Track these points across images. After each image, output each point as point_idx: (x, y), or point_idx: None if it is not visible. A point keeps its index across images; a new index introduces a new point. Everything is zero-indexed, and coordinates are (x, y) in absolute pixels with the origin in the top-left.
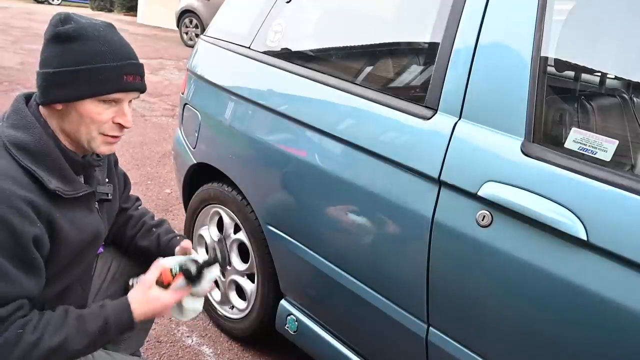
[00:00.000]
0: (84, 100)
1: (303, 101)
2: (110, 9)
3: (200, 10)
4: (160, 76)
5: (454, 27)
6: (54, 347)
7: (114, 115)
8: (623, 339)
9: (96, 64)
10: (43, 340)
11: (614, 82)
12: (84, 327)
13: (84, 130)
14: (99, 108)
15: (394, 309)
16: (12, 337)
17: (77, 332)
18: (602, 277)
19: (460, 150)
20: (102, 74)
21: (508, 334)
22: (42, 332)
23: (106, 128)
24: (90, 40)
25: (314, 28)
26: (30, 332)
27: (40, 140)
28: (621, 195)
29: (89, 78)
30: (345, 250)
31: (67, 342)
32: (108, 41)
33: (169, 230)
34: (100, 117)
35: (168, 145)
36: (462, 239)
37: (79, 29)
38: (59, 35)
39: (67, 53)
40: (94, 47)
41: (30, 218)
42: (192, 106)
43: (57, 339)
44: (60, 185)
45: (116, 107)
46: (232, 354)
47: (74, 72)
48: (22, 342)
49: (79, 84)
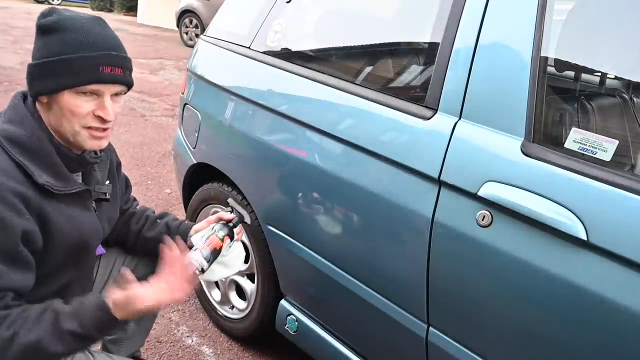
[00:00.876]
0: (63, 92)
1: (303, 101)
2: (110, 9)
3: (200, 10)
4: (160, 76)
5: (454, 27)
6: (28, 346)
7: (94, 108)
8: (623, 339)
9: (71, 54)
10: (17, 337)
11: (614, 82)
12: (59, 326)
13: (66, 124)
14: (77, 100)
15: (394, 309)
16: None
17: (51, 331)
18: (602, 277)
19: (460, 150)
20: (77, 64)
21: (508, 334)
22: (17, 329)
23: (88, 121)
24: (70, 31)
25: (314, 28)
26: (5, 328)
27: (33, 135)
28: (621, 195)
29: (65, 69)
30: (345, 250)
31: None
32: (87, 32)
33: (175, 218)
34: (79, 110)
35: (168, 145)
36: (462, 239)
37: (58, 21)
38: (40, 27)
39: (47, 45)
40: (71, 38)
41: (18, 210)
42: (192, 106)
43: (31, 337)
44: (51, 180)
45: (97, 99)
46: (232, 354)
47: (51, 63)
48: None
49: (56, 74)
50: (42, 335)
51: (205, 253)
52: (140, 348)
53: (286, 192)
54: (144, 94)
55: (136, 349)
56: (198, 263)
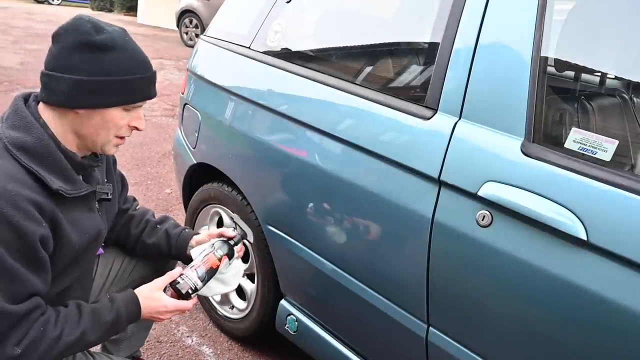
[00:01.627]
0: (112, 108)
1: (303, 101)
2: (110, 9)
3: (200, 10)
4: (160, 76)
5: (454, 27)
6: (73, 341)
7: (130, 120)
8: (623, 339)
9: (130, 76)
10: (64, 334)
11: (614, 82)
12: (99, 320)
13: (103, 134)
14: (122, 114)
15: (394, 309)
16: (37, 335)
17: (92, 326)
18: (602, 277)
19: (460, 150)
20: (135, 84)
21: (508, 334)
22: (62, 328)
23: (123, 131)
24: (123, 50)
25: (314, 28)
26: (52, 329)
27: (41, 140)
28: (621, 195)
29: (123, 88)
30: (345, 250)
31: (85, 335)
32: (135, 52)
33: (176, 225)
34: (121, 122)
35: (168, 145)
36: (462, 239)
37: (112, 39)
38: (95, 44)
39: (102, 62)
40: (127, 59)
41: (35, 218)
42: (192, 106)
43: (76, 333)
44: (63, 185)
45: (133, 111)
46: (232, 354)
47: (109, 82)
48: (46, 338)
49: (113, 93)
50: (86, 329)
51: (201, 272)
52: (140, 348)
53: (286, 192)
54: None
55: (136, 349)
56: (192, 282)
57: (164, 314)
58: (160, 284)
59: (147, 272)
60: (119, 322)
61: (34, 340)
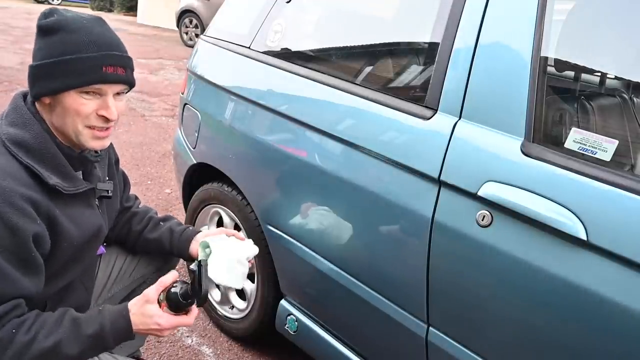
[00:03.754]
0: (66, 93)
1: (303, 101)
2: (110, 9)
3: (200, 10)
4: (160, 76)
5: (454, 27)
6: (47, 348)
7: (97, 108)
8: (623, 339)
9: (74, 55)
10: (36, 341)
11: (614, 82)
12: (79, 330)
13: (69, 123)
14: (81, 99)
15: (394, 309)
16: (5, 337)
17: (71, 335)
18: (602, 277)
19: (460, 150)
20: (80, 64)
21: (508, 334)
22: (36, 333)
23: (91, 120)
24: (72, 32)
25: (314, 28)
26: (24, 333)
27: (38, 137)
28: (621, 195)
29: (68, 69)
30: (345, 250)
31: (60, 345)
32: (89, 32)
33: (179, 223)
34: (83, 109)
35: (168, 145)
36: (462, 239)
37: (60, 21)
38: (41, 28)
39: (49, 45)
40: (73, 38)
41: (30, 215)
42: (192, 106)
43: (50, 341)
44: (60, 181)
45: (100, 99)
46: (232, 354)
47: (54, 64)
48: (15, 342)
49: (59, 75)
50: (61, 338)
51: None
52: (140, 348)
53: (286, 192)
54: (144, 94)
55: (136, 349)
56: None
57: (162, 331)
58: (152, 294)
59: (149, 271)
60: (102, 336)
61: (1, 340)
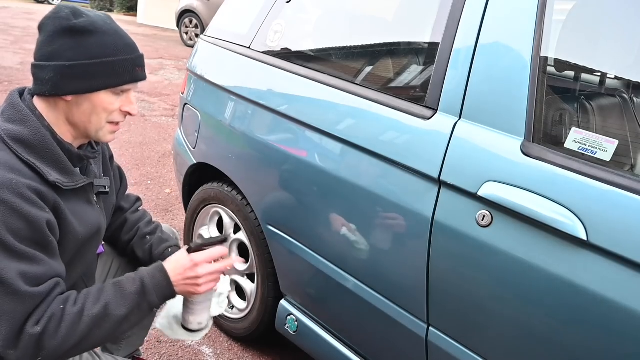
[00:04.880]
0: (99, 92)
1: (303, 101)
2: (110, 8)
3: (200, 10)
4: (160, 76)
5: (454, 27)
6: (97, 314)
7: (121, 104)
8: (623, 339)
9: (113, 57)
10: (86, 309)
11: (614, 82)
12: (122, 291)
13: (95, 120)
14: (111, 98)
15: (394, 309)
16: (56, 312)
17: (115, 297)
18: (602, 277)
19: (460, 150)
20: (119, 66)
21: (508, 334)
22: (84, 304)
23: (115, 117)
24: (105, 34)
25: (314, 28)
26: (72, 305)
27: (37, 133)
28: (621, 195)
29: (107, 70)
30: (345, 250)
31: (109, 308)
32: (119, 34)
33: (162, 240)
34: (111, 107)
35: (168, 145)
36: (462, 239)
37: (92, 23)
38: (75, 28)
39: (83, 46)
40: (110, 41)
41: (39, 204)
42: (192, 106)
43: (98, 307)
44: (59, 177)
45: (123, 96)
46: (232, 354)
47: (92, 65)
48: (66, 315)
49: (97, 76)
50: (107, 301)
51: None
52: (139, 348)
53: (286, 192)
54: (144, 94)
55: (136, 349)
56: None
57: (199, 281)
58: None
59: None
60: (145, 292)
61: (53, 316)
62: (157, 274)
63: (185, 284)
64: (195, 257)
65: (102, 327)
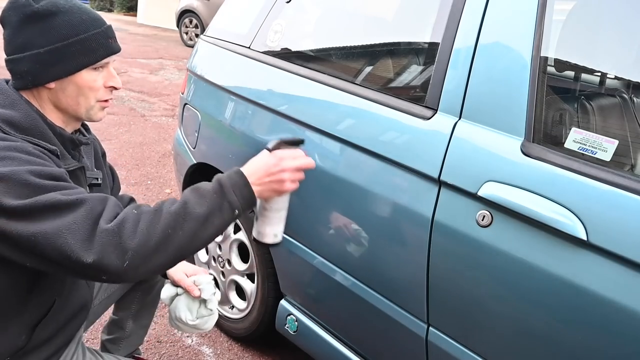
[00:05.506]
0: (80, 72)
1: (303, 101)
2: (110, 8)
3: (200, 10)
4: (160, 76)
5: (454, 27)
6: (177, 211)
7: (104, 80)
8: (623, 339)
9: (85, 34)
10: (164, 208)
11: (614, 82)
12: (200, 191)
13: (82, 101)
14: (93, 76)
15: (394, 309)
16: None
17: (193, 197)
18: (602, 277)
19: (460, 150)
20: (92, 41)
21: (508, 334)
22: (160, 205)
23: (101, 94)
24: (70, 12)
25: (314, 28)
26: (146, 207)
27: (28, 115)
28: (621, 195)
29: (82, 48)
30: (345, 250)
31: (188, 206)
32: (83, 9)
33: None
34: (96, 84)
35: (168, 145)
36: (462, 239)
37: (54, 3)
38: (39, 13)
39: (53, 28)
40: (76, 18)
41: (54, 160)
42: (192, 106)
43: (177, 205)
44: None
45: (104, 71)
46: (232, 354)
47: (67, 46)
48: (143, 212)
49: (74, 56)
50: (186, 200)
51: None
52: (139, 347)
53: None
54: (144, 94)
55: (135, 348)
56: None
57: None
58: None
59: None
60: (223, 191)
61: (127, 217)
62: (233, 175)
63: (269, 181)
64: (279, 153)
65: (184, 227)
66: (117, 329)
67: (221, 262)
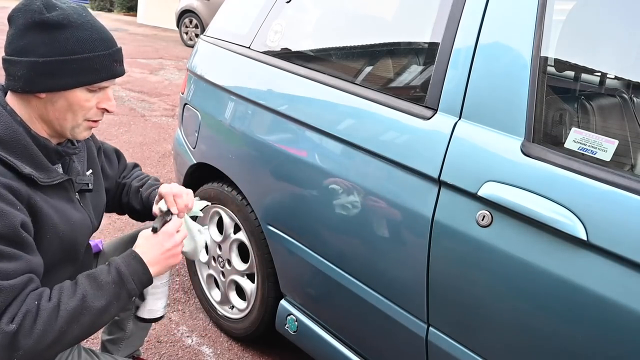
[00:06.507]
0: (75, 89)
1: (303, 101)
2: (110, 8)
3: (200, 10)
4: (160, 76)
5: (454, 27)
6: (75, 308)
7: (98, 101)
8: (623, 339)
9: (90, 53)
10: (62, 303)
11: (614, 82)
12: (98, 282)
13: (70, 118)
14: (87, 95)
15: (394, 309)
16: (31, 308)
17: (92, 289)
18: (602, 277)
19: (460, 150)
20: (96, 62)
21: (508, 334)
22: (59, 298)
23: (92, 114)
24: (79, 28)
25: (314, 28)
26: (47, 301)
27: (9, 128)
28: (621, 195)
29: (83, 67)
30: (345, 250)
31: (86, 300)
32: (95, 28)
33: (150, 185)
34: (88, 104)
35: (168, 145)
36: (462, 239)
37: (66, 16)
38: (47, 22)
39: (57, 41)
40: (84, 36)
41: (12, 201)
42: (192, 106)
43: (75, 300)
44: (34, 171)
45: (101, 92)
46: (232, 354)
47: (67, 62)
48: (42, 310)
49: (73, 73)
50: (84, 294)
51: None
52: (139, 348)
53: (286, 192)
54: (144, 94)
55: (135, 349)
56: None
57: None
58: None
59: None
60: (122, 280)
61: (28, 313)
62: (131, 261)
63: (166, 257)
64: (167, 228)
65: (80, 321)
66: (117, 330)
67: (221, 262)
